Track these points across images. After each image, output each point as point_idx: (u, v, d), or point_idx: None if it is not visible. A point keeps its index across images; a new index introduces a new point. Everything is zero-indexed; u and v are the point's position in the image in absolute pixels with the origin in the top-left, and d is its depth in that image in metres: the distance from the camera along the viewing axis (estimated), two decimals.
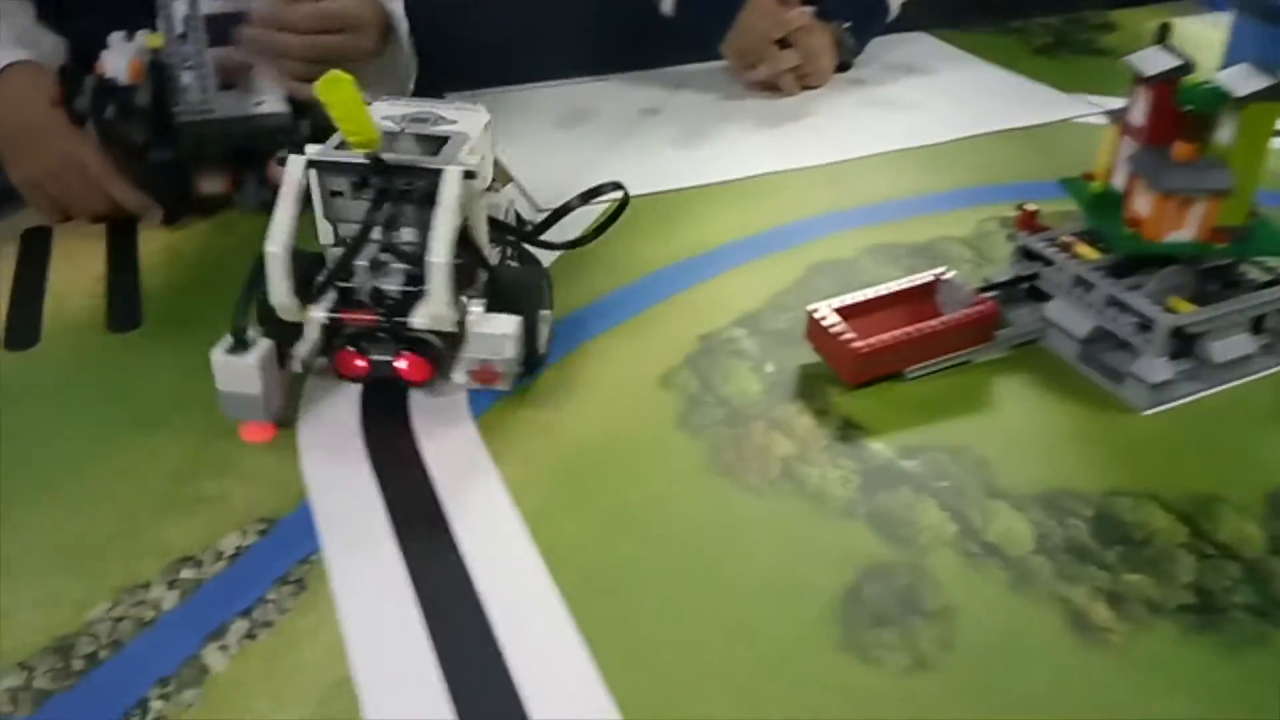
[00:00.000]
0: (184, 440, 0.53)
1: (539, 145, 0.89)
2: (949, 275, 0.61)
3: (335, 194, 0.52)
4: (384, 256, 0.51)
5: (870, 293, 0.61)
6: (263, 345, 0.51)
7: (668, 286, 0.68)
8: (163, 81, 0.66)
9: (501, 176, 0.80)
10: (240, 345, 0.51)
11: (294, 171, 0.51)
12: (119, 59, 0.67)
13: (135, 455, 0.52)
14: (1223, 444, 0.53)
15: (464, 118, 0.57)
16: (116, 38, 0.71)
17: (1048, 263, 0.61)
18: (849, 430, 0.54)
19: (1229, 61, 0.54)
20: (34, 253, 0.73)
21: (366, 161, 0.49)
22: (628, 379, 0.59)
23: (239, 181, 0.73)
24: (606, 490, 0.50)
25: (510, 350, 0.52)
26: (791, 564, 0.46)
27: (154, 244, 0.73)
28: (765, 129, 0.93)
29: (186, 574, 0.45)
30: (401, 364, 0.52)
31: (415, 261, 0.50)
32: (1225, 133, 0.54)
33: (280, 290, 0.50)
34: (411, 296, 0.51)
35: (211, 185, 0.72)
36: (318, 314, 0.51)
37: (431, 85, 0.97)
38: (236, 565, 0.45)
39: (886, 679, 0.40)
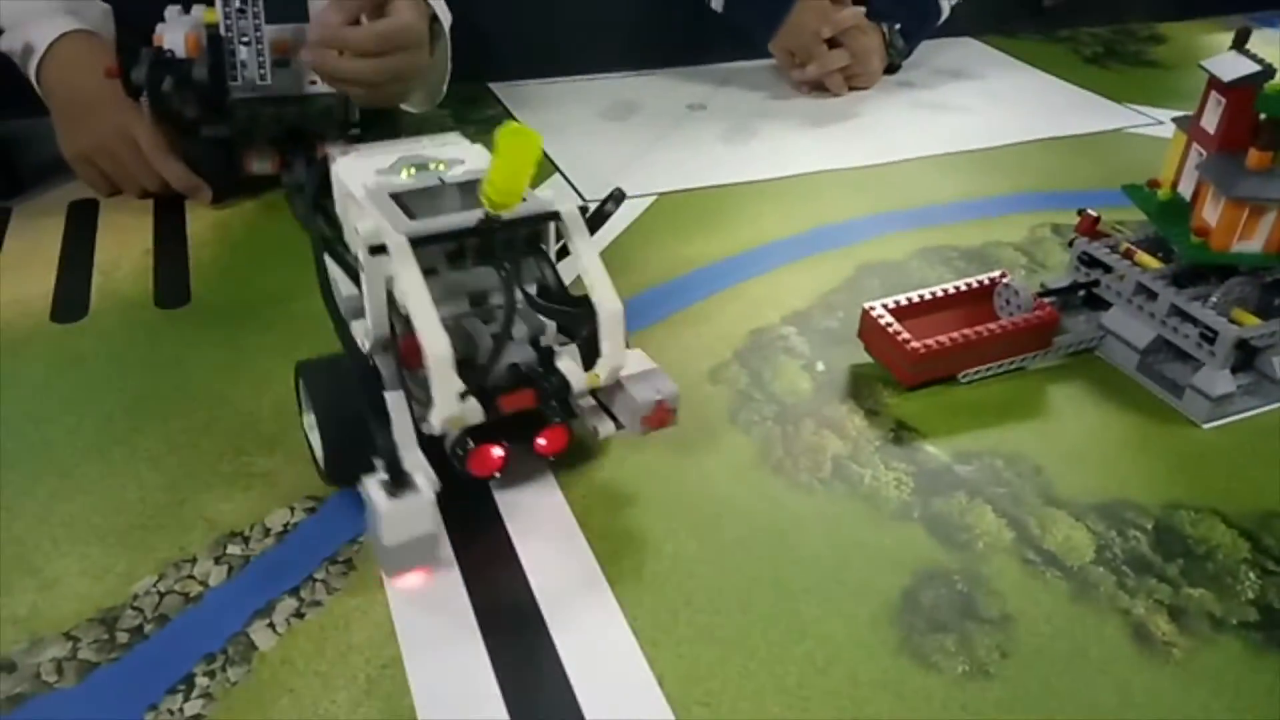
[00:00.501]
0: (232, 416, 0.53)
1: (585, 137, 0.88)
2: (1008, 279, 0.60)
3: (429, 272, 0.41)
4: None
5: (926, 293, 0.60)
6: (425, 471, 0.40)
7: (715, 282, 0.67)
8: (221, 55, 0.66)
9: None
10: (400, 481, 0.39)
11: (398, 252, 0.40)
12: (176, 32, 0.67)
13: (183, 429, 0.52)
14: (1273, 459, 0.52)
15: (460, 153, 0.48)
16: (173, 11, 0.71)
17: (1108, 270, 0.60)
18: (902, 432, 0.53)
19: None
20: (81, 226, 0.73)
21: (477, 224, 0.42)
22: (676, 374, 0.58)
23: (287, 162, 0.72)
24: (658, 481, 0.50)
25: (673, 383, 0.46)
26: (845, 564, 0.45)
27: (202, 221, 0.73)
28: (813, 128, 0.92)
29: (234, 550, 0.44)
30: (542, 441, 0.45)
31: (538, 320, 0.45)
32: None
33: (449, 398, 0.40)
34: (549, 358, 0.44)
35: (261, 165, 0.72)
36: (474, 414, 0.42)
37: (475, 76, 0.97)
38: (285, 543, 0.45)
39: (944, 684, 0.39)
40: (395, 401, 0.42)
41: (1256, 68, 0.53)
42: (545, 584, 0.43)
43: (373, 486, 0.39)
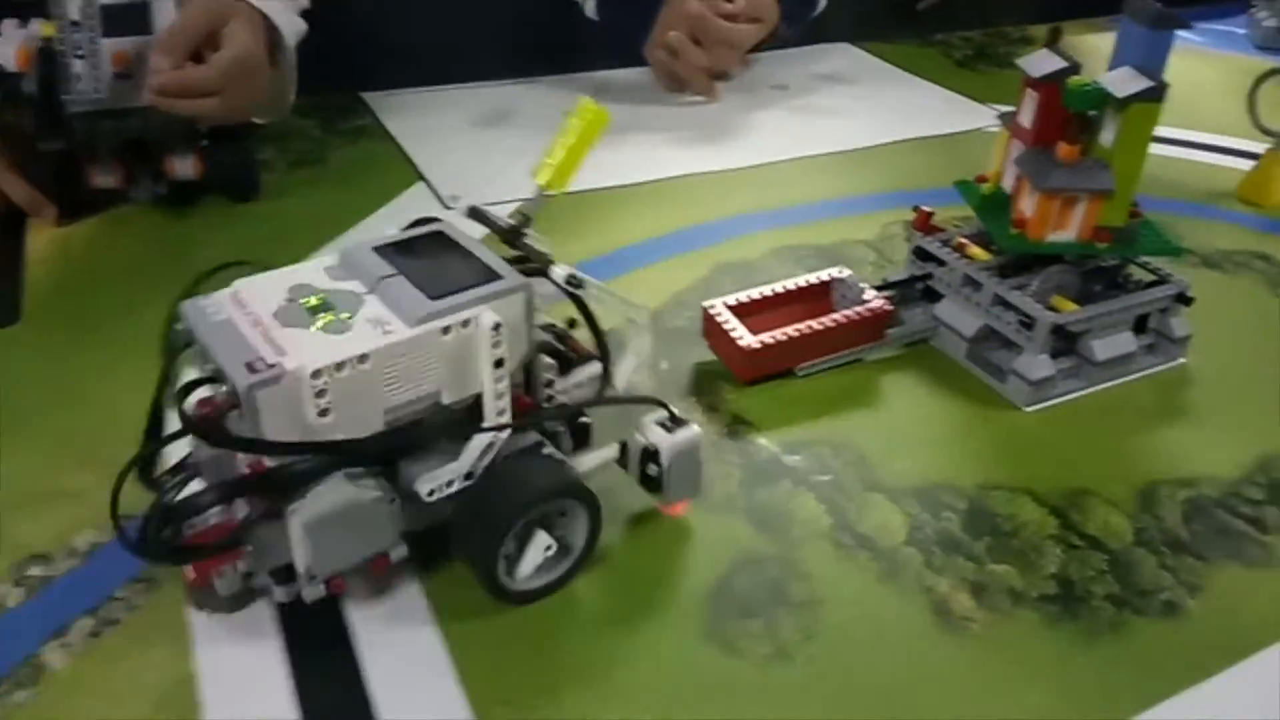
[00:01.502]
0: (49, 435, 0.52)
1: (454, 144, 0.88)
2: (843, 274, 0.61)
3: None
4: None
5: (766, 290, 0.61)
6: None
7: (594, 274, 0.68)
8: (51, 69, 0.65)
9: None
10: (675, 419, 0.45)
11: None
12: (7, 46, 0.66)
13: None
14: (1099, 441, 0.54)
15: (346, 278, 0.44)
16: (9, 25, 0.69)
17: (940, 263, 0.62)
18: (737, 426, 0.54)
19: (1114, 66, 0.55)
20: None
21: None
22: None
23: (133, 175, 0.71)
24: None
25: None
26: (665, 556, 0.45)
27: (43, 238, 0.71)
28: (686, 132, 0.94)
29: (35, 571, 0.43)
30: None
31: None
32: (1108, 135, 0.55)
33: None
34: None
35: (104, 178, 0.71)
36: None
37: (346, 84, 0.97)
38: (89, 562, 0.44)
39: (746, 668, 0.40)
40: None
41: (1064, 64, 0.55)
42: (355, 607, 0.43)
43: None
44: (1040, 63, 0.56)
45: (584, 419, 0.47)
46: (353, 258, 0.44)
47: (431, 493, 0.41)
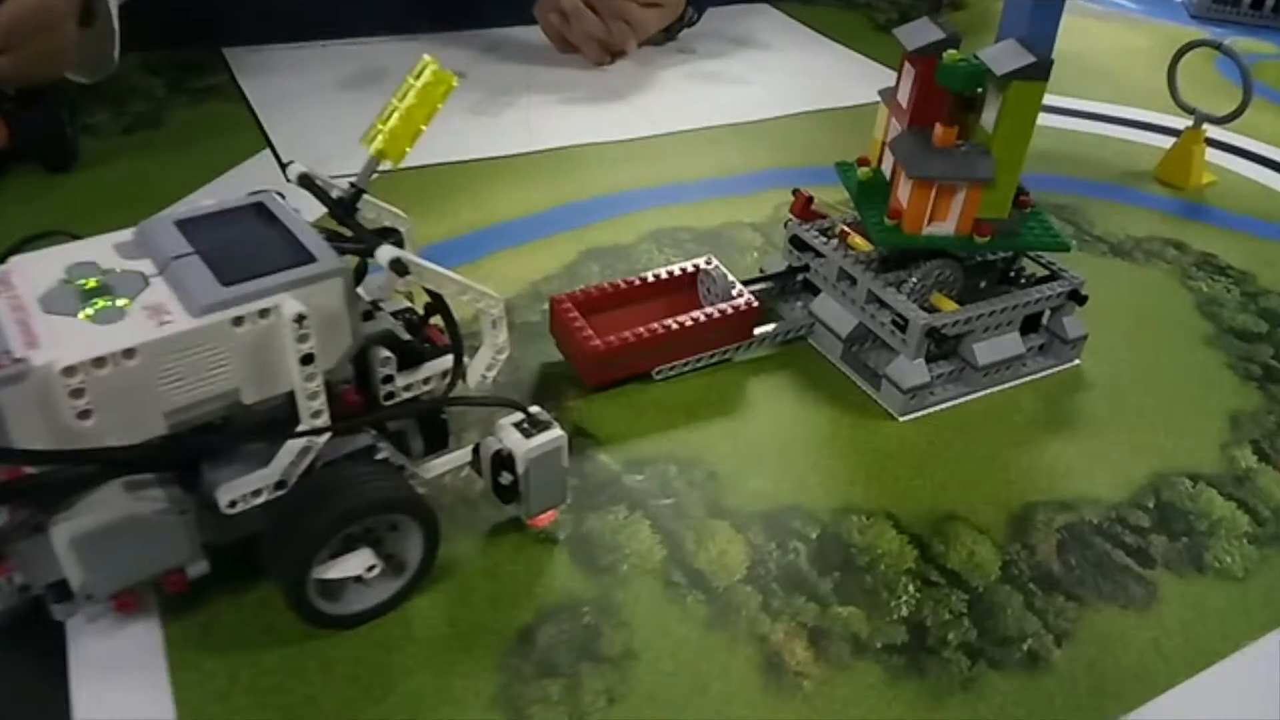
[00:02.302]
0: None
1: (313, 107, 0.80)
2: (709, 265, 0.56)
3: None
4: None
5: (624, 282, 0.55)
6: None
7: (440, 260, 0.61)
8: None
9: None
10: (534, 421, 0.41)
11: None
12: None
13: None
14: (974, 455, 0.49)
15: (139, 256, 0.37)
16: None
17: (818, 254, 0.57)
18: (576, 440, 0.48)
19: (1000, 38, 0.49)
20: None
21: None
22: None
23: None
24: None
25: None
26: (463, 602, 0.40)
27: None
28: (576, 99, 0.87)
29: None
30: None
31: None
32: (989, 116, 0.49)
33: None
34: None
35: None
36: None
37: (204, 39, 0.88)
38: None
39: None
40: None
41: (942, 36, 0.49)
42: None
43: None
44: (917, 33, 0.50)
45: (442, 416, 0.42)
46: (150, 232, 0.36)
47: (234, 504, 0.35)
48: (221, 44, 0.88)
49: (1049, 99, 0.49)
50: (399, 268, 0.37)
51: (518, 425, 0.41)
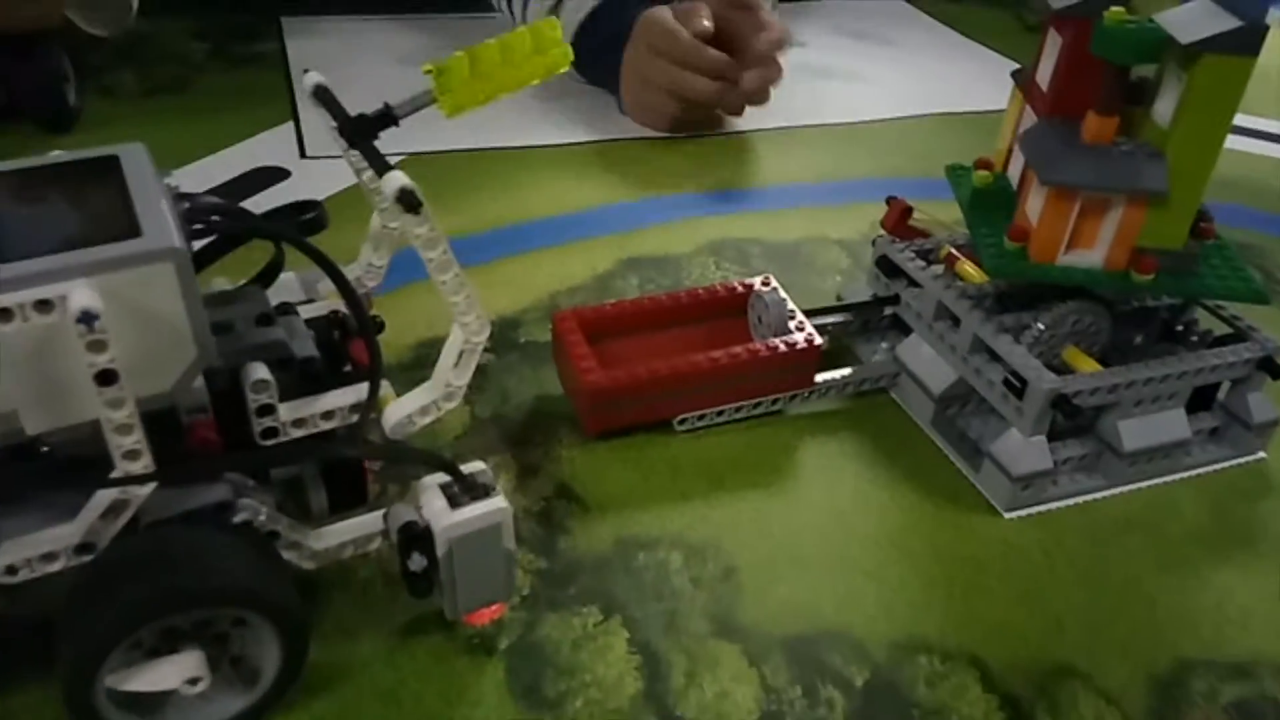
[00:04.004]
0: None
1: (357, 81, 0.69)
2: (765, 287, 0.43)
3: None
4: None
5: (649, 300, 0.43)
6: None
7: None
8: None
9: None
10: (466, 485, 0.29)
11: None
12: None
13: None
14: (1108, 580, 0.35)
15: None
16: None
17: (913, 282, 0.43)
18: (558, 502, 0.37)
19: None
20: None
21: None
22: None
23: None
24: None
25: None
26: None
27: None
28: None
29: None
30: None
31: None
32: (1165, 105, 0.35)
33: None
34: None
35: None
36: None
37: (265, 6, 0.81)
38: None
39: None
40: None
41: None
42: None
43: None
44: None
45: (362, 464, 0.31)
46: None
47: (13, 569, 0.26)
48: (283, 12, 0.81)
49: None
50: (409, 199, 0.27)
51: (445, 489, 0.29)
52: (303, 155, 0.60)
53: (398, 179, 0.27)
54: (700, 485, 0.38)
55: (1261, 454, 0.42)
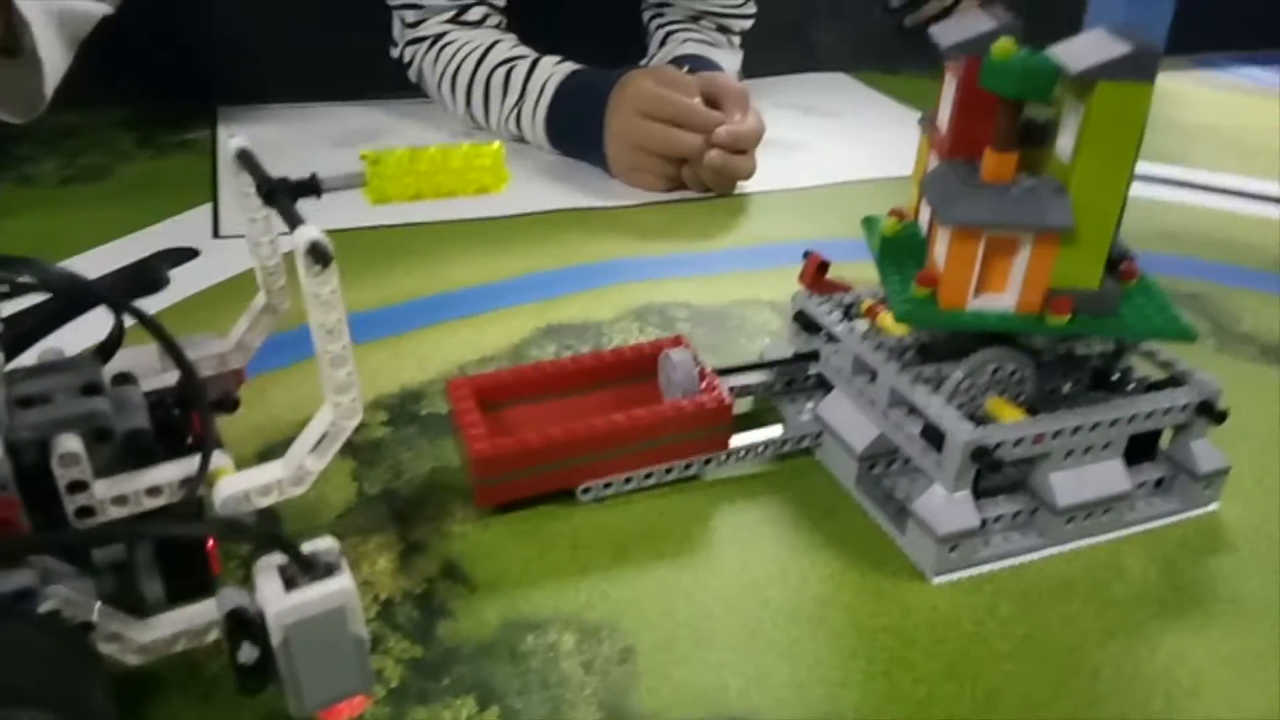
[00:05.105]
0: None
1: (288, 163, 0.70)
2: (675, 347, 0.41)
3: None
4: None
5: (550, 366, 0.41)
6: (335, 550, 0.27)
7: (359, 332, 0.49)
8: None
9: None
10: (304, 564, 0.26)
11: None
12: None
13: None
14: (1045, 650, 0.32)
15: None
16: None
17: (832, 337, 0.41)
18: (443, 583, 0.34)
19: (1089, 26, 0.34)
20: None
21: None
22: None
23: None
24: None
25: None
26: None
27: None
28: (570, 165, 0.74)
29: None
30: None
31: None
32: (1066, 139, 0.34)
33: None
34: None
35: None
36: None
37: (215, 95, 0.81)
38: None
39: None
40: None
41: (992, 23, 0.34)
42: None
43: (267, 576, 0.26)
44: (960, 27, 0.35)
45: (204, 546, 0.28)
46: None
47: None
48: (221, 101, 0.81)
49: (1176, 171, 0.34)
50: (319, 252, 0.26)
51: (283, 570, 0.26)
52: (216, 235, 0.58)
53: (310, 232, 0.26)
54: (602, 559, 0.35)
55: (1213, 506, 0.39)
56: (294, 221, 0.27)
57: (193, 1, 0.79)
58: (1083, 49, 0.32)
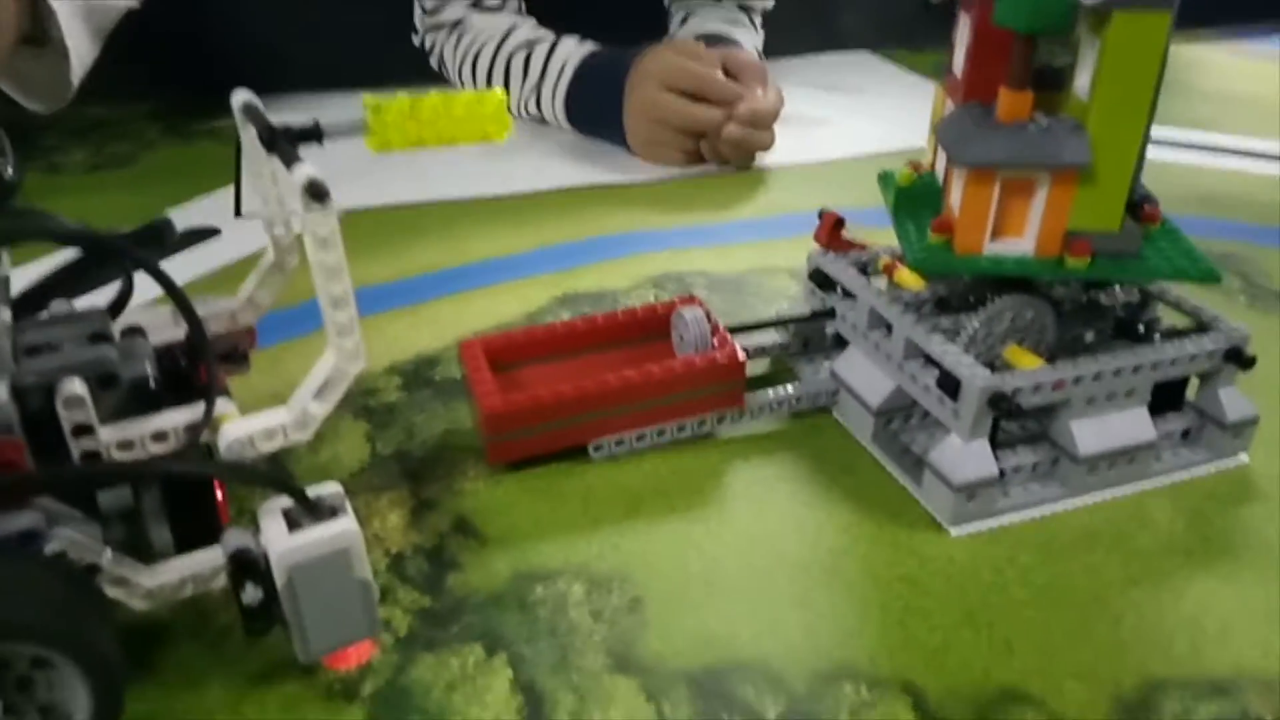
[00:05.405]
0: None
1: (308, 150, 0.71)
2: (690, 305, 0.40)
3: None
4: None
5: (562, 326, 0.40)
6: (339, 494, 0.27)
7: (374, 304, 0.49)
8: None
9: None
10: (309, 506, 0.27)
11: None
12: None
13: None
14: (1067, 598, 0.31)
15: None
16: None
17: (848, 294, 0.41)
18: (454, 537, 0.34)
19: None
20: None
21: None
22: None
23: None
24: None
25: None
26: None
27: None
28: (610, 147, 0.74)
29: None
30: None
31: None
32: (1084, 77, 0.33)
33: None
34: None
35: None
36: None
37: (227, 90, 0.82)
38: None
39: None
40: None
41: None
42: None
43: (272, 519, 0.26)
44: None
45: (211, 492, 0.28)
46: None
47: None
48: (267, 90, 0.81)
49: (1211, 137, 0.33)
50: (316, 189, 0.26)
51: (287, 513, 0.26)
52: (238, 214, 0.59)
53: (308, 169, 0.26)
54: (614, 513, 0.35)
55: (1243, 457, 0.38)
56: (291, 161, 0.27)
57: None
58: None
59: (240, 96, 0.32)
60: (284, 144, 0.28)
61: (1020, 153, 0.32)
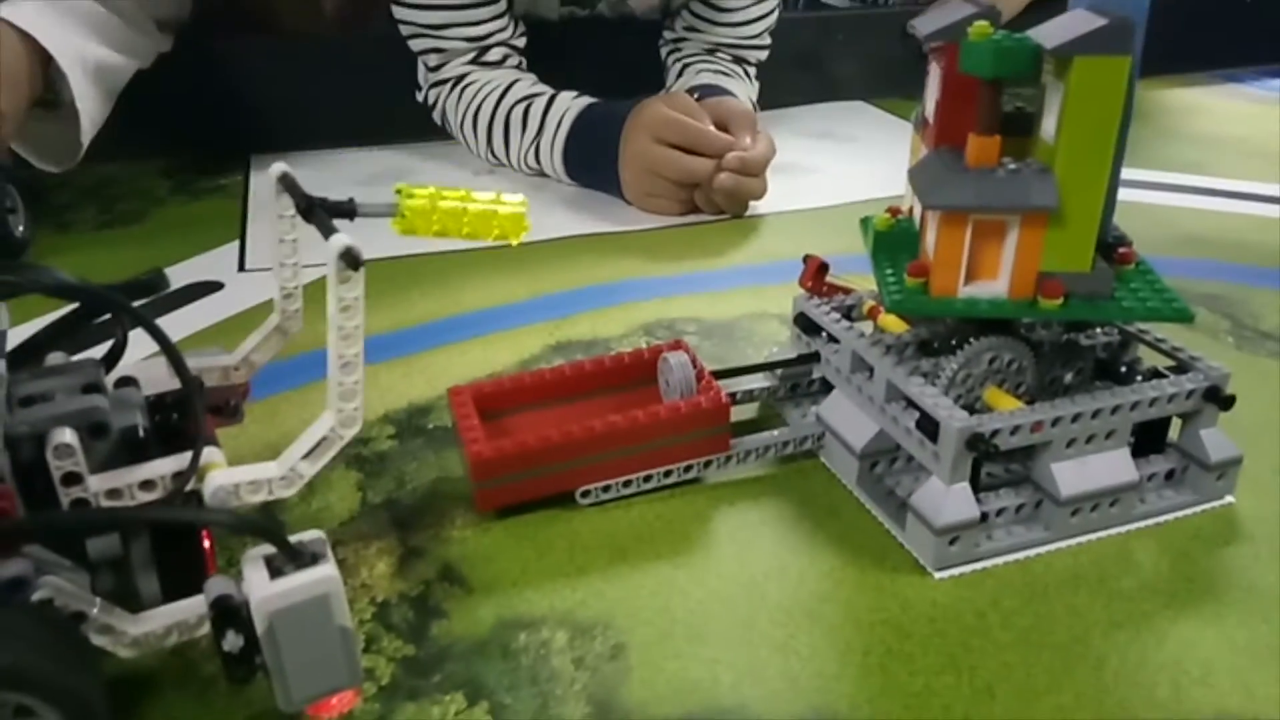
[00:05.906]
0: None
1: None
2: (672, 351, 0.41)
3: None
4: None
5: (549, 373, 0.41)
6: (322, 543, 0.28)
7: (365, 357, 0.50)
8: None
9: None
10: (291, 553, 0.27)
11: None
12: None
13: None
14: (1049, 641, 0.31)
15: None
16: None
17: (832, 338, 0.41)
18: (439, 585, 0.34)
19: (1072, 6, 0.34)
20: None
21: None
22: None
23: None
24: None
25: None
26: None
27: None
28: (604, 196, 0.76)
29: None
30: None
31: None
32: (1049, 121, 0.34)
33: None
34: None
35: None
36: None
37: (236, 148, 0.84)
38: None
39: None
40: None
41: (971, 9, 0.35)
42: None
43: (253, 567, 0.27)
44: (940, 15, 0.35)
45: (199, 541, 0.29)
46: None
47: None
48: (255, 150, 0.83)
49: (1201, 179, 0.33)
50: (352, 256, 0.27)
51: (269, 560, 0.27)
52: (241, 269, 0.60)
53: (344, 239, 0.27)
54: (599, 560, 0.35)
55: (1228, 499, 0.38)
56: (329, 231, 0.28)
57: (224, 55, 0.82)
58: (1060, 28, 0.32)
59: (277, 167, 0.34)
60: (321, 214, 0.29)
61: (988, 196, 0.33)
